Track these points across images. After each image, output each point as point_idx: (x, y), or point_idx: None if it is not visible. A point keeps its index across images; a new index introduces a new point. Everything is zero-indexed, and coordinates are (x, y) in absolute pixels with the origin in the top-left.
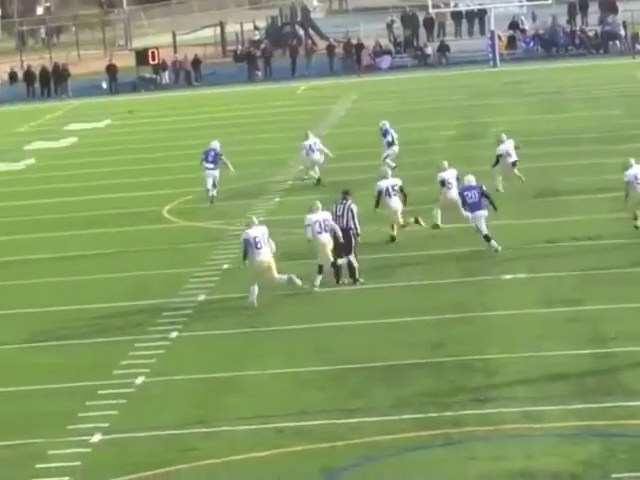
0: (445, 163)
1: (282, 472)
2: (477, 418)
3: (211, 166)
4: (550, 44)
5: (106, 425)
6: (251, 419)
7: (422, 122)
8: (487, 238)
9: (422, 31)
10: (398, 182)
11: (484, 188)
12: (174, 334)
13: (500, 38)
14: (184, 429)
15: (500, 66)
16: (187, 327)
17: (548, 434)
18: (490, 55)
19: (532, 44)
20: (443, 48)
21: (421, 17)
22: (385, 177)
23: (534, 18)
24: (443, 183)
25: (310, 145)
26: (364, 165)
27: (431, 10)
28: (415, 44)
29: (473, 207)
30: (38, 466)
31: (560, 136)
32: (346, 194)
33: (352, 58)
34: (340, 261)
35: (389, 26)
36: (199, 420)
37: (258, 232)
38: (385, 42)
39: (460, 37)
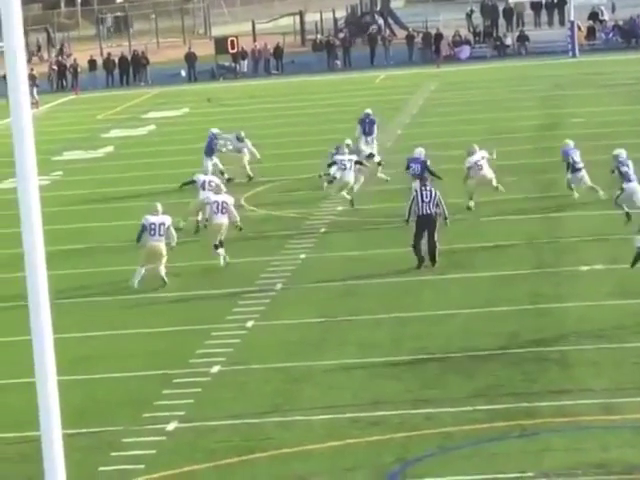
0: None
1: (357, 462)
2: (553, 409)
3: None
4: (630, 35)
5: (182, 413)
6: (326, 409)
7: (502, 112)
8: None
9: (501, 21)
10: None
11: (428, 162)
12: (250, 323)
13: (580, 28)
14: (259, 418)
15: (579, 57)
16: (264, 316)
17: (624, 426)
18: (569, 46)
19: (611, 35)
20: (522, 38)
21: (501, 7)
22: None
23: (614, 9)
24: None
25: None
26: (441, 155)
27: (511, 0)
28: (494, 34)
29: (415, 177)
30: (113, 454)
31: (638, 127)
32: (425, 180)
33: (431, 48)
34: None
35: (468, 16)
36: (274, 409)
37: (156, 220)
38: (464, 32)
39: (539, 27)
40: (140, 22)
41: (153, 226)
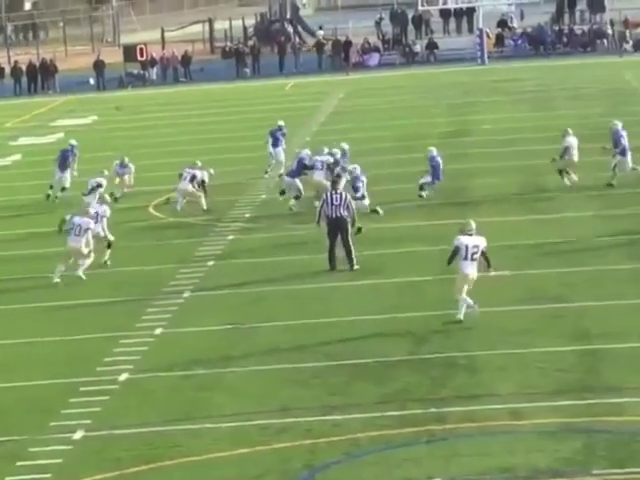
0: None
1: (265, 469)
2: (460, 415)
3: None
4: (538, 42)
5: (89, 422)
6: (234, 416)
7: (411, 119)
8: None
9: (411, 28)
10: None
11: (306, 163)
12: (158, 330)
13: (488, 36)
14: (167, 426)
15: (488, 64)
16: (172, 324)
17: (531, 431)
18: (478, 53)
19: (520, 42)
20: (431, 46)
21: (410, 15)
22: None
23: (522, 16)
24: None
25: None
26: (355, 161)
27: (420, 8)
28: (403, 41)
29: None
30: (19, 464)
31: (547, 134)
32: (336, 184)
33: (340, 55)
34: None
35: (378, 23)
36: (183, 417)
37: (81, 221)
38: (374, 39)
39: (448, 35)
40: (49, 30)
41: (72, 225)
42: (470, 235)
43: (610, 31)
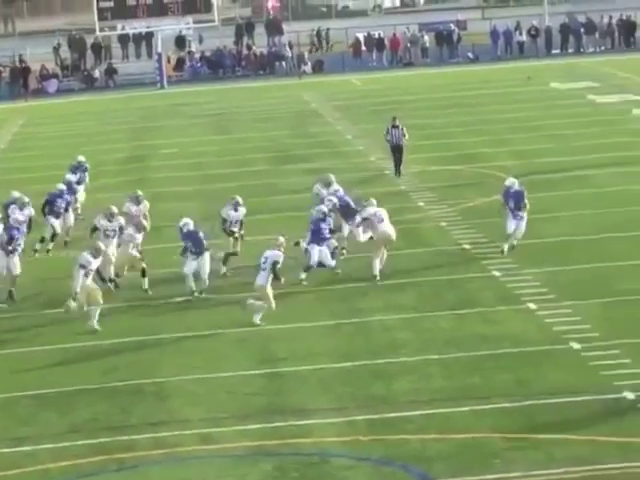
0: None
1: None
2: (150, 442)
3: None
4: (217, 65)
5: None
6: None
7: (92, 146)
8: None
9: (90, 54)
10: None
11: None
12: None
13: (169, 60)
14: None
15: (168, 88)
16: None
17: (222, 455)
18: (158, 77)
19: (199, 65)
20: (110, 71)
21: (89, 41)
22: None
23: (201, 40)
24: None
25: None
26: (35, 189)
27: (98, 33)
28: (82, 67)
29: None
30: None
31: (230, 157)
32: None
33: (19, 82)
34: None
35: (56, 49)
36: None
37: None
38: (52, 66)
39: (127, 60)
40: None
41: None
42: None
43: (289, 53)
